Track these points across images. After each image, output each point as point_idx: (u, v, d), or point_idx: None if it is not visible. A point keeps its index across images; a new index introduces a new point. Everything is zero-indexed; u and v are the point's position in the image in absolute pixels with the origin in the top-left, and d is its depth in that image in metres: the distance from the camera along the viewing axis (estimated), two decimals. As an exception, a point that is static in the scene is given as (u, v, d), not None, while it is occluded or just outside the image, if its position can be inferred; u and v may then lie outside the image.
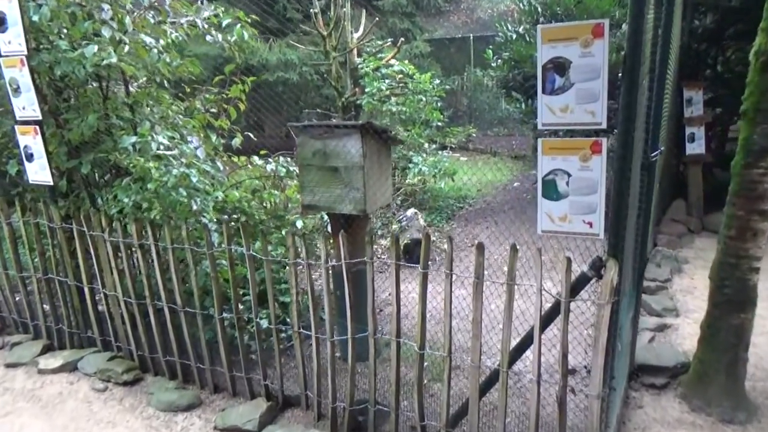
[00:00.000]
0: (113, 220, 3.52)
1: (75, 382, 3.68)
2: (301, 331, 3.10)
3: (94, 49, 3.33)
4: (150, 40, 3.64)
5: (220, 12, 4.00)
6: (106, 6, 3.53)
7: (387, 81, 7.54)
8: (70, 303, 3.94)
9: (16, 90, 3.57)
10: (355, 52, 8.03)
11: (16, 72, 3.52)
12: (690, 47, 6.19)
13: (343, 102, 7.83)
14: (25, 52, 3.44)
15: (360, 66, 7.79)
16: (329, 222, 3.73)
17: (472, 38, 13.91)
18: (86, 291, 3.81)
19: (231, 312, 3.29)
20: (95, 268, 3.72)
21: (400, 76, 7.66)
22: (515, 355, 2.59)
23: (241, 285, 3.53)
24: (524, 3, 7.04)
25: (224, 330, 3.34)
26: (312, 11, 7.54)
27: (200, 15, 3.88)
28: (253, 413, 3.13)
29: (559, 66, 2.17)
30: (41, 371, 3.78)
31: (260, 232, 3.67)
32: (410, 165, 7.22)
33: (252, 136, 4.70)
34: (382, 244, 6.14)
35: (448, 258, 2.54)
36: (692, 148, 6.23)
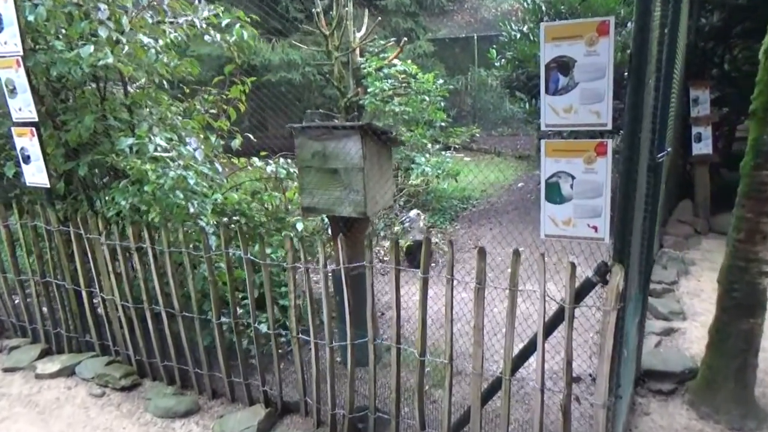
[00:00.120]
0: (110, 223, 3.48)
1: (72, 387, 3.63)
2: (300, 337, 3.04)
3: (90, 50, 3.28)
4: (148, 40, 3.59)
5: (220, 12, 3.96)
6: (103, 6, 3.48)
7: (390, 81, 7.47)
8: (68, 307, 3.89)
9: (12, 91, 3.53)
10: (358, 52, 7.97)
11: (12, 73, 3.48)
12: (696, 45, 6.10)
13: (346, 102, 7.77)
14: (21, 53, 3.40)
15: (362, 66, 7.73)
16: (329, 224, 3.68)
17: (476, 38, 13.83)
18: (84, 294, 3.76)
19: (229, 316, 3.24)
20: (93, 272, 3.68)
21: (403, 76, 7.60)
22: (518, 363, 2.53)
23: (240, 288, 3.48)
24: (528, 2, 6.97)
25: (222, 335, 3.28)
26: (314, 11, 7.49)
27: (198, 15, 3.83)
28: (252, 420, 3.07)
29: (563, 65, 2.11)
30: (39, 376, 3.74)
31: (258, 236, 3.61)
32: (413, 165, 7.16)
33: (252, 137, 4.65)
34: (385, 246, 6.08)
35: (449, 264, 2.48)
36: (699, 148, 6.13)
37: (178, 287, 3.33)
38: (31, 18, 3.35)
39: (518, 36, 7.05)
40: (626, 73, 2.03)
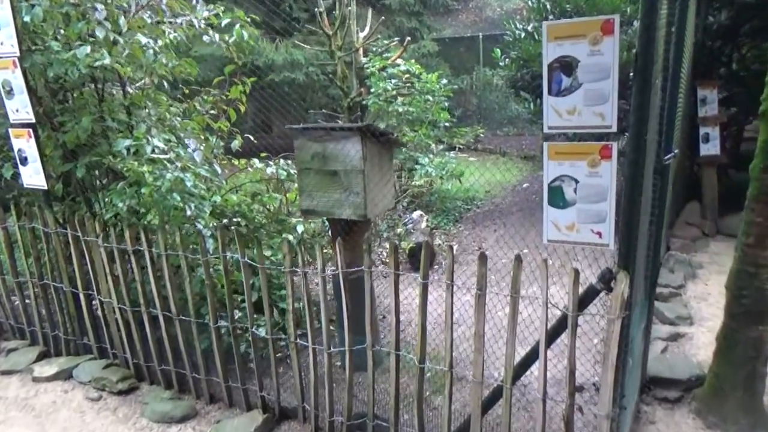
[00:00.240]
0: (107, 226, 3.44)
1: (69, 391, 3.60)
2: (298, 342, 2.99)
3: (87, 50, 3.24)
4: (146, 41, 3.55)
5: (220, 12, 3.91)
6: (101, 6, 3.44)
7: (393, 81, 7.41)
8: (66, 309, 3.86)
9: (9, 92, 3.50)
10: (361, 52, 7.91)
11: (9, 74, 3.44)
12: (704, 44, 5.99)
13: (349, 102, 7.71)
14: (18, 54, 3.37)
15: (366, 66, 7.67)
16: (329, 227, 3.62)
17: (481, 37, 13.74)
18: (82, 297, 3.73)
19: (227, 320, 3.19)
20: (91, 274, 3.64)
21: (407, 76, 7.53)
22: (520, 371, 2.46)
23: (239, 292, 3.43)
24: (533, 0, 6.89)
25: (220, 338, 3.24)
26: (317, 10, 7.43)
27: (197, 15, 3.78)
28: (249, 426, 3.02)
29: (566, 65, 2.04)
30: (36, 379, 3.71)
31: (256, 239, 3.56)
32: (417, 166, 7.09)
33: (252, 138, 4.60)
34: (387, 248, 6.01)
35: (449, 269, 2.42)
36: (707, 149, 6.03)
37: (176, 290, 3.28)
38: (28, 18, 3.31)
39: (523, 35, 6.97)
40: (632, 74, 1.96)
